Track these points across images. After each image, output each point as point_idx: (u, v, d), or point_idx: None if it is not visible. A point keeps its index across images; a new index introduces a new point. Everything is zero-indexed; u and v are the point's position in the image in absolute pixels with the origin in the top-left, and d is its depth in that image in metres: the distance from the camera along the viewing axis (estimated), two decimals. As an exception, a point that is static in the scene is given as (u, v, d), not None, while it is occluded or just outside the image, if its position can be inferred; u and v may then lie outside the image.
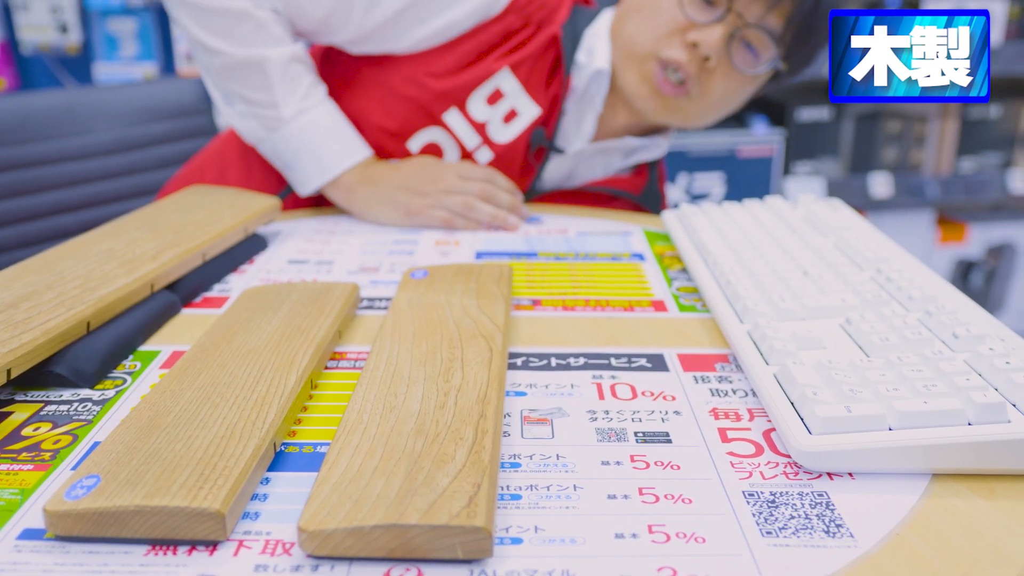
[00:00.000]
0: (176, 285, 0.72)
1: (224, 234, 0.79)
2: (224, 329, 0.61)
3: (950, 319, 0.58)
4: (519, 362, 0.62)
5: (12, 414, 0.54)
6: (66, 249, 0.72)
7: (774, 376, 0.54)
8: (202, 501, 0.41)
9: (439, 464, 0.45)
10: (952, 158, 2.36)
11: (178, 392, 0.52)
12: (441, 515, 0.40)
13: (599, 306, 0.73)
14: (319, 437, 0.52)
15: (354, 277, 0.79)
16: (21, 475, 0.48)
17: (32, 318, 0.58)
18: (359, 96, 1.00)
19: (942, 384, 0.50)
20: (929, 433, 0.47)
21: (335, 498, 0.42)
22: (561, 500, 0.46)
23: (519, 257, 0.85)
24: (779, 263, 0.72)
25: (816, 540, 0.42)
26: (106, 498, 0.42)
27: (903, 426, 0.47)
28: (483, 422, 0.49)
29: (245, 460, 0.45)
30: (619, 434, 0.52)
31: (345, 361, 0.62)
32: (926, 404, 0.48)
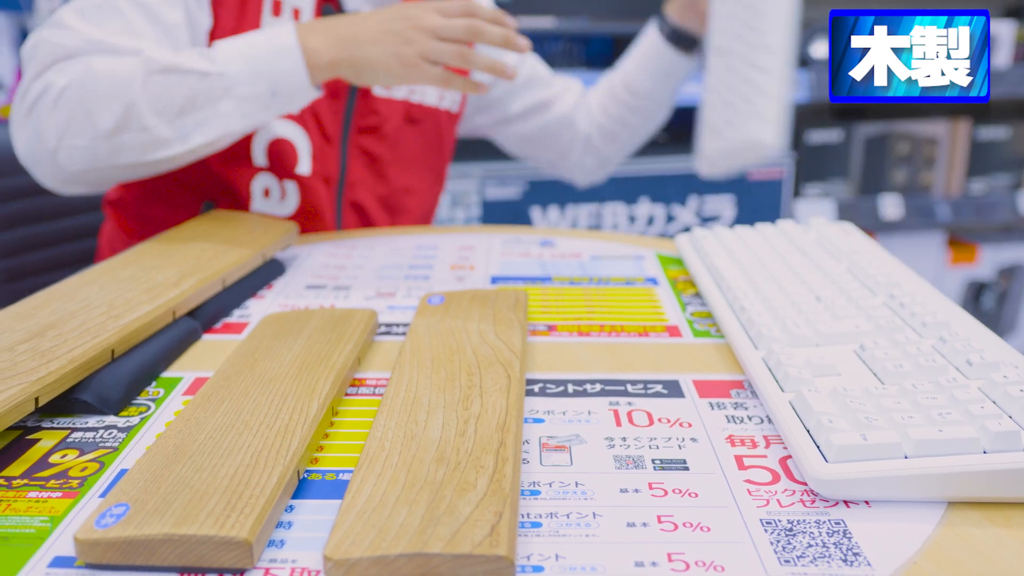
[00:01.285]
0: (197, 311, 0.73)
1: (243, 260, 0.80)
2: (245, 356, 0.62)
3: (964, 346, 0.59)
4: (536, 388, 0.62)
5: (39, 441, 0.55)
6: (89, 276, 0.73)
7: (790, 403, 0.55)
8: (230, 530, 0.42)
9: (461, 492, 0.45)
10: (962, 180, 2.37)
11: (202, 420, 0.53)
12: (464, 544, 0.41)
13: (614, 331, 0.73)
14: (341, 464, 0.53)
15: (371, 302, 0.80)
16: (50, 502, 0.48)
17: (58, 346, 0.59)
18: None
19: (957, 412, 0.51)
20: (944, 461, 0.47)
21: (359, 527, 0.43)
22: (581, 528, 0.46)
23: (534, 282, 0.86)
24: (792, 288, 0.73)
25: (834, 569, 0.43)
26: (135, 526, 0.43)
27: (918, 454, 0.48)
28: (503, 450, 0.49)
29: (271, 488, 0.46)
30: (637, 461, 0.53)
31: (365, 388, 0.63)
32: (941, 432, 0.48)
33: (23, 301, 0.68)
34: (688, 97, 2.07)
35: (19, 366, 0.56)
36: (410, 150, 1.15)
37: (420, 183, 1.18)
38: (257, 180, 1.04)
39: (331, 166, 1.07)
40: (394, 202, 1.16)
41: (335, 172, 1.08)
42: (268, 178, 1.04)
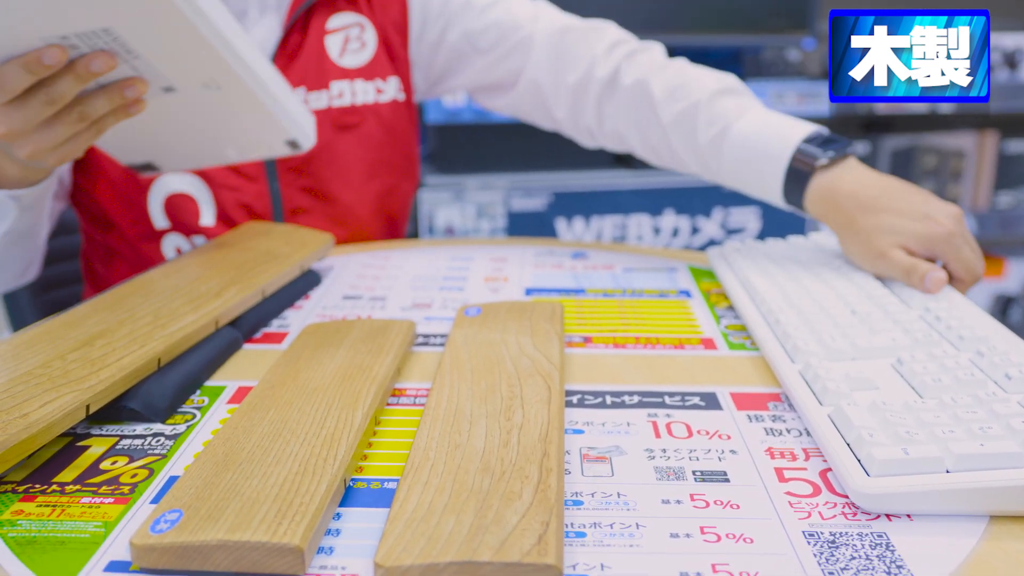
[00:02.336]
0: (238, 321, 0.74)
1: (282, 271, 0.81)
2: (288, 366, 0.63)
3: (1002, 359, 0.59)
4: (575, 399, 0.63)
5: (90, 448, 0.56)
6: (134, 286, 0.75)
7: (829, 417, 0.55)
8: (282, 536, 0.43)
9: (507, 502, 0.46)
10: (989, 193, 2.36)
11: (249, 428, 0.54)
12: (513, 552, 0.42)
13: (649, 344, 0.74)
14: (385, 473, 0.54)
15: (407, 313, 0.81)
16: (103, 508, 0.49)
17: (108, 355, 0.60)
18: None
19: (997, 426, 0.51)
20: (986, 476, 0.48)
21: (409, 535, 0.43)
22: (625, 538, 0.47)
23: (568, 294, 0.87)
24: (826, 301, 0.73)
25: (878, 583, 0.43)
26: (190, 532, 0.44)
27: (960, 468, 0.48)
28: (547, 460, 0.50)
29: (320, 496, 0.46)
30: (677, 472, 0.53)
31: (405, 398, 0.64)
32: (983, 447, 0.48)
33: (72, 310, 0.69)
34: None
35: (71, 374, 0.57)
36: (353, 158, 1.07)
37: (377, 185, 1.10)
38: (167, 241, 1.02)
39: (261, 205, 1.03)
40: (351, 218, 1.09)
41: (267, 210, 1.04)
42: (176, 238, 1.02)
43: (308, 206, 1.06)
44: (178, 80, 0.74)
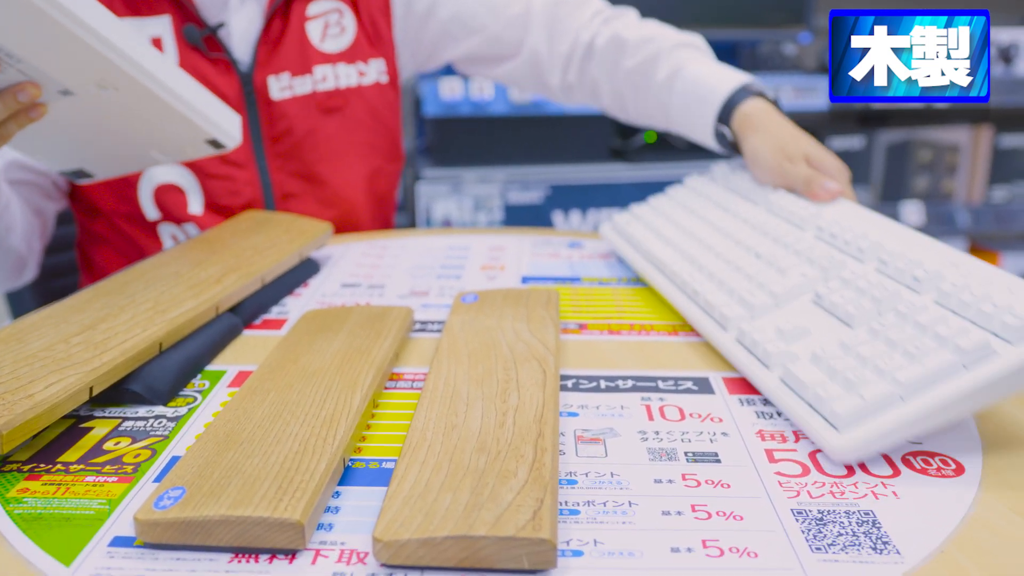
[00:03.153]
0: (238, 308, 0.75)
1: (281, 259, 0.82)
2: (288, 350, 0.64)
3: (906, 263, 0.62)
4: (569, 384, 0.64)
5: (93, 429, 0.57)
6: (135, 273, 0.76)
7: (782, 381, 0.57)
8: (283, 512, 0.44)
9: (503, 480, 0.47)
10: (984, 187, 2.37)
11: (250, 409, 0.55)
12: (508, 527, 0.43)
13: (644, 330, 0.75)
14: (384, 453, 0.55)
15: (405, 300, 0.82)
16: (107, 486, 0.50)
17: (110, 339, 0.61)
18: None
19: (927, 338, 0.54)
20: (936, 393, 0.51)
21: (407, 511, 0.45)
22: (617, 515, 0.48)
23: (563, 282, 0.88)
24: (728, 251, 0.75)
25: (864, 556, 0.44)
26: (192, 508, 0.45)
27: (913, 394, 0.51)
28: (541, 440, 0.51)
29: (320, 474, 0.48)
30: (670, 454, 0.54)
31: (403, 382, 0.65)
32: (923, 367, 0.51)
33: (75, 295, 0.70)
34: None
35: (74, 356, 0.58)
36: (340, 141, 1.10)
37: (365, 167, 1.13)
38: (162, 230, 1.03)
39: (251, 192, 1.05)
40: (341, 200, 1.12)
41: (259, 196, 1.06)
42: (170, 227, 1.03)
43: (299, 191, 1.08)
44: (71, 82, 0.73)
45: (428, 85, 1.99)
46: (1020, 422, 0.59)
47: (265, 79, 1.03)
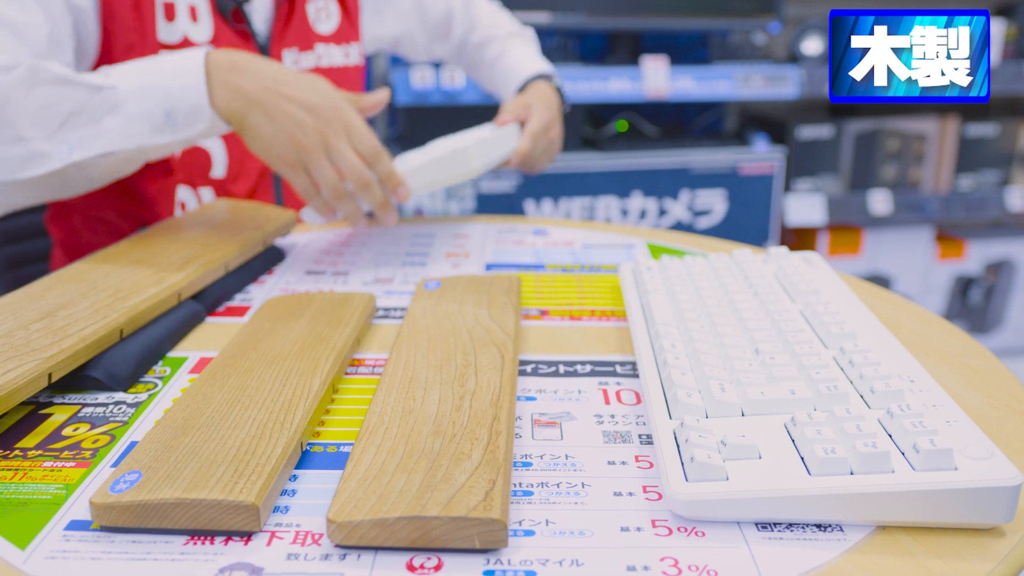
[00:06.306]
0: (201, 295, 0.75)
1: (245, 246, 0.83)
2: (250, 336, 0.65)
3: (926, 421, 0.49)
4: (529, 369, 0.65)
5: (52, 415, 0.57)
6: (96, 260, 0.76)
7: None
8: (238, 494, 0.45)
9: (456, 462, 0.48)
10: (951, 176, 2.40)
11: (209, 395, 0.56)
12: (460, 508, 0.44)
13: (604, 316, 0.76)
14: (341, 438, 0.55)
15: (369, 288, 0.83)
16: (64, 471, 0.51)
17: (70, 325, 0.61)
18: None
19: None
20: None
21: (361, 492, 0.45)
22: (570, 496, 0.49)
23: (527, 269, 0.89)
24: (731, 337, 0.63)
25: (808, 534, 0.45)
26: (148, 491, 0.45)
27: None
28: (496, 424, 0.52)
29: (276, 458, 0.48)
30: (624, 436, 0.55)
31: (364, 367, 0.65)
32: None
33: (35, 283, 0.70)
34: (680, 94, 2.10)
35: (33, 343, 0.58)
36: None
37: None
38: (178, 192, 1.03)
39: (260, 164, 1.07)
40: None
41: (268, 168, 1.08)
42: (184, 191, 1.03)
43: None
44: None
45: (399, 74, 1.99)
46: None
47: (280, 52, 1.09)
